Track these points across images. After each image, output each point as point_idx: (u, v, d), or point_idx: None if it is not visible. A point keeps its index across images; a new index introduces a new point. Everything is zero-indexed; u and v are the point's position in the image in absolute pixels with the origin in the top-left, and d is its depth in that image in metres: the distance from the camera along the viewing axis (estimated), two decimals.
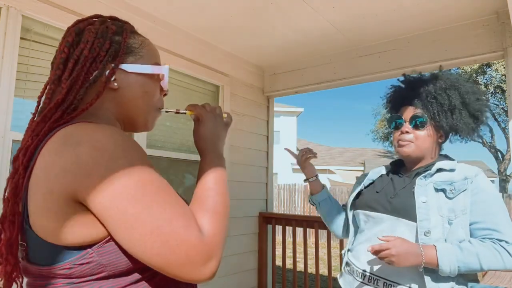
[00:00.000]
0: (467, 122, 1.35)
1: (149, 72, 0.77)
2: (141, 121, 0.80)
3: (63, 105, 0.67)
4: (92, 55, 0.70)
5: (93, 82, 0.70)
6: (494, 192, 1.27)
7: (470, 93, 1.37)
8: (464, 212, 1.23)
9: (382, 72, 2.98)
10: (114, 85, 0.73)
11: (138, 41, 0.78)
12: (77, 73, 0.69)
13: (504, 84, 13.80)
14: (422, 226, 1.23)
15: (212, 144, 0.82)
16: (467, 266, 1.16)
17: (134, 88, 0.76)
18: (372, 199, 1.41)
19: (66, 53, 0.71)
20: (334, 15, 2.55)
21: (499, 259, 1.17)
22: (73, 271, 0.60)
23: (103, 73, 0.71)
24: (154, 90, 0.80)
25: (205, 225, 0.62)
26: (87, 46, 0.70)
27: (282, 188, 12.56)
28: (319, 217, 1.73)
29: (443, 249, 1.17)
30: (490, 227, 1.20)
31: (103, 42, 0.72)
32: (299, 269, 3.88)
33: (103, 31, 0.73)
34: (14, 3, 1.89)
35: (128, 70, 0.75)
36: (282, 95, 3.78)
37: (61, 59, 0.71)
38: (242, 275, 3.35)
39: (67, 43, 0.72)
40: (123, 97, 0.75)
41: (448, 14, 2.52)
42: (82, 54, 0.70)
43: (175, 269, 0.57)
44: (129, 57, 0.75)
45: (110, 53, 0.72)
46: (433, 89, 1.38)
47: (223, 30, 2.86)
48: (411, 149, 1.37)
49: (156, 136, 2.73)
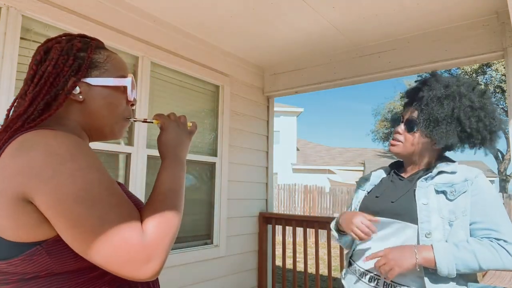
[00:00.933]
0: (451, 136, 1.31)
1: (112, 84, 0.82)
2: (108, 130, 0.85)
3: (24, 116, 0.71)
4: (56, 70, 0.76)
5: (55, 95, 0.75)
6: (493, 192, 1.27)
7: (468, 108, 1.32)
8: (464, 214, 1.23)
9: (382, 72, 2.98)
10: (79, 97, 0.78)
11: (103, 56, 0.83)
12: (40, 87, 0.74)
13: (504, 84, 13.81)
14: (423, 228, 1.24)
15: (172, 150, 0.89)
16: (465, 264, 1.17)
17: (98, 100, 0.81)
18: (373, 204, 1.42)
19: (34, 70, 0.77)
20: (334, 15, 2.55)
21: (497, 258, 1.17)
22: (24, 267, 0.64)
23: (65, 87, 0.76)
24: (119, 101, 0.85)
25: (150, 228, 0.65)
26: (52, 62, 0.76)
27: (282, 188, 12.56)
28: (319, 217, 1.74)
29: (440, 248, 1.18)
30: (489, 227, 1.21)
31: (67, 59, 0.77)
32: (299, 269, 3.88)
33: (68, 48, 0.78)
34: (14, 3, 1.89)
35: (91, 83, 0.80)
36: (282, 95, 3.78)
37: (29, 75, 0.77)
38: (242, 275, 3.35)
39: (36, 61, 0.78)
40: (88, 109, 0.80)
41: (448, 14, 2.52)
42: (46, 70, 0.75)
43: (116, 267, 0.61)
44: (93, 71, 0.80)
45: (73, 68, 0.77)
46: (429, 96, 1.37)
47: (223, 30, 2.86)
48: (398, 149, 1.42)
49: (156, 136, 2.72)
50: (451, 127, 1.32)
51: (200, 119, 3.08)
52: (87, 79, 0.79)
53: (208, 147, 3.13)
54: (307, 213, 12.00)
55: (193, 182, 3.02)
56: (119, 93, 0.85)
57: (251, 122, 3.56)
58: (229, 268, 3.20)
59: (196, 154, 3.00)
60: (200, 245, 2.95)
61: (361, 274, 1.36)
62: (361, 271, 1.36)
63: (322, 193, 12.29)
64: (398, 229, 1.30)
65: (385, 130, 19.32)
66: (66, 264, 0.65)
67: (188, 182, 2.97)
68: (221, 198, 3.13)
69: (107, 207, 0.63)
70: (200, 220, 3.03)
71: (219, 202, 3.12)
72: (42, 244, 0.64)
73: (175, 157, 0.87)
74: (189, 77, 2.97)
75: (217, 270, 3.07)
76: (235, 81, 3.37)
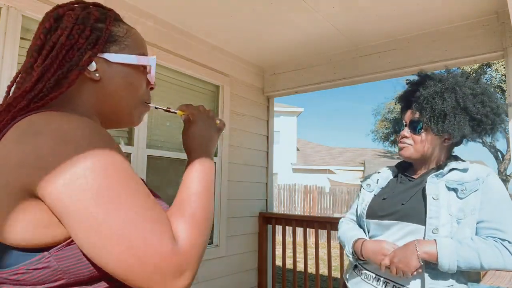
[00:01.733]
0: (462, 126, 1.32)
1: (135, 62, 0.71)
2: (126, 115, 0.73)
3: (31, 93, 0.60)
4: (70, 42, 0.64)
5: (68, 71, 0.63)
6: (504, 192, 1.26)
7: (470, 96, 1.34)
8: (473, 212, 1.23)
9: (382, 72, 2.98)
10: (96, 75, 0.67)
11: (123, 30, 0.72)
12: (51, 61, 0.62)
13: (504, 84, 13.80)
14: (431, 223, 1.23)
15: (202, 144, 0.75)
16: (467, 262, 1.16)
17: (117, 79, 0.70)
18: (380, 207, 1.39)
19: (41, 40, 0.65)
20: (334, 15, 2.55)
21: (500, 258, 1.17)
22: (27, 277, 0.53)
23: (80, 62, 0.65)
24: (140, 82, 0.74)
25: (181, 233, 0.56)
26: (65, 32, 0.64)
27: (282, 188, 12.56)
28: (319, 217, 1.75)
29: (443, 243, 1.18)
30: (495, 227, 1.21)
31: (83, 29, 0.65)
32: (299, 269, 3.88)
33: (84, 16, 0.67)
34: (14, 3, 1.89)
35: (111, 60, 0.68)
36: (282, 95, 3.78)
37: (35, 46, 0.65)
38: (242, 275, 3.35)
39: (44, 29, 0.65)
40: (105, 89, 0.69)
41: (448, 14, 2.52)
42: (58, 41, 0.64)
43: (140, 281, 0.51)
44: (112, 46, 0.69)
45: (90, 40, 0.66)
46: (428, 93, 1.37)
47: (223, 30, 2.86)
48: (409, 152, 1.40)
49: (156, 136, 2.73)
50: (461, 118, 1.32)
51: None
52: (105, 54, 0.68)
53: None
54: (307, 213, 12.00)
55: None
56: (140, 73, 0.74)
57: (251, 122, 3.56)
58: (229, 268, 3.20)
59: None
60: None
61: (366, 276, 1.36)
62: (368, 273, 1.36)
63: (322, 193, 12.30)
64: (409, 232, 1.28)
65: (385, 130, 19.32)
66: (78, 274, 0.54)
67: None
68: (221, 198, 3.13)
69: (132, 207, 0.52)
70: None
71: (219, 202, 3.12)
72: (50, 250, 0.53)
73: (205, 153, 0.73)
74: (189, 77, 2.97)
75: (217, 270, 3.07)
76: (235, 81, 3.37)
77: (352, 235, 1.45)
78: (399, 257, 1.22)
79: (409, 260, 1.20)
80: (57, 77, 0.62)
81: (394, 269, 1.23)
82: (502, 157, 17.78)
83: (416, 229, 1.26)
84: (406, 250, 1.22)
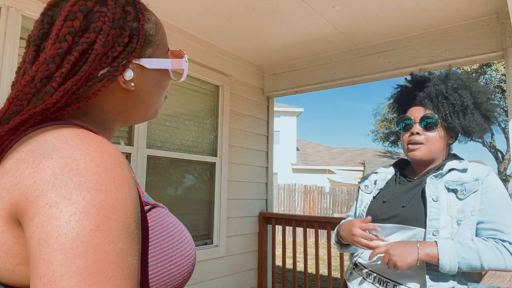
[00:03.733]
0: (479, 123, 1.32)
1: (170, 67, 0.64)
2: (151, 114, 0.67)
3: (50, 109, 0.51)
4: (104, 49, 0.53)
5: (98, 81, 0.54)
6: (503, 192, 1.25)
7: (482, 93, 1.34)
8: (473, 213, 1.22)
9: (382, 72, 2.98)
10: (131, 85, 0.57)
11: (153, 25, 0.61)
12: (82, 74, 0.51)
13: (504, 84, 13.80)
14: (432, 225, 1.22)
15: None
16: (468, 263, 1.16)
17: (151, 86, 0.62)
18: (380, 210, 1.36)
19: (68, 43, 0.51)
20: (334, 15, 2.56)
21: (500, 259, 1.16)
22: None
23: (114, 72, 0.55)
24: (168, 84, 0.67)
25: None
26: (101, 37, 0.52)
27: (282, 188, 12.57)
28: (319, 217, 1.73)
29: (444, 244, 1.18)
30: (495, 228, 1.20)
31: (120, 33, 0.54)
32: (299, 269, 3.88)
33: (121, 17, 0.55)
34: (14, 3, 1.89)
35: (146, 66, 0.59)
36: (282, 95, 3.78)
37: (59, 50, 0.51)
38: (242, 275, 3.35)
39: (71, 29, 0.51)
40: (137, 97, 0.60)
41: (448, 14, 2.52)
42: (93, 50, 0.52)
43: None
44: (147, 49, 0.59)
45: (129, 48, 0.55)
46: (444, 88, 1.34)
47: (223, 30, 2.86)
48: (422, 152, 1.33)
49: (156, 136, 2.73)
50: (477, 114, 1.31)
51: (200, 119, 3.09)
52: (141, 60, 0.58)
53: (208, 147, 3.13)
54: (307, 213, 12.00)
55: (193, 182, 3.02)
56: (168, 74, 0.66)
57: (251, 122, 3.56)
58: (229, 268, 3.20)
59: (196, 154, 3.00)
60: (200, 245, 2.95)
61: (367, 275, 1.35)
62: (368, 272, 1.35)
63: (322, 193, 12.30)
64: (411, 235, 1.27)
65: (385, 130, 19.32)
66: None
67: (188, 182, 2.97)
68: (221, 198, 3.13)
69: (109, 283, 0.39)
70: (200, 220, 3.03)
71: (219, 202, 3.12)
72: None
73: None
74: (189, 77, 2.97)
75: (217, 270, 3.07)
76: (235, 81, 3.37)
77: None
78: (397, 250, 1.20)
79: (407, 257, 1.18)
80: (87, 87, 0.53)
81: (387, 259, 1.20)
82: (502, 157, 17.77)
83: (418, 232, 1.25)
84: (406, 245, 1.21)
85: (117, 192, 0.43)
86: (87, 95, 0.54)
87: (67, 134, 0.46)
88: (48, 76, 0.51)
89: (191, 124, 3.01)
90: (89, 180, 0.42)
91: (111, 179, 0.43)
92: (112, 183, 0.43)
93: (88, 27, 0.52)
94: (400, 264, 1.18)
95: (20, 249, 0.43)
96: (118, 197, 0.43)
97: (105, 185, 0.43)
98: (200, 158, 3.02)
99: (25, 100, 0.51)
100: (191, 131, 3.00)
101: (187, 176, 2.98)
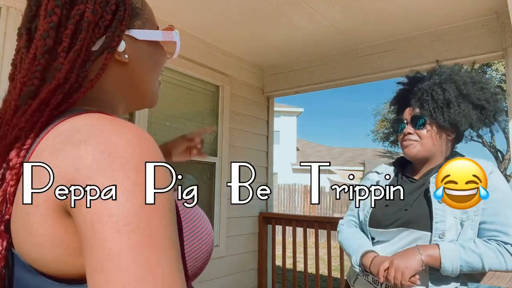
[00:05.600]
0: (467, 114, 1.29)
1: (161, 39, 0.64)
2: (150, 96, 0.66)
3: (65, 85, 0.50)
4: (95, 18, 0.53)
5: (98, 55, 0.54)
6: (507, 191, 1.23)
7: (469, 83, 1.31)
8: (476, 214, 1.21)
9: (382, 72, 2.98)
10: (125, 57, 0.58)
11: (139, 0, 0.63)
12: (81, 43, 0.52)
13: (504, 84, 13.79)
14: (438, 227, 1.20)
15: None
16: (470, 266, 1.16)
17: (145, 59, 0.62)
18: (384, 216, 1.33)
19: (58, 16, 0.51)
20: (334, 15, 2.55)
21: (502, 262, 1.16)
22: None
23: (111, 42, 0.55)
24: (163, 60, 0.67)
25: None
26: (89, 7, 0.53)
27: (282, 188, 12.57)
28: (319, 217, 1.73)
29: (446, 247, 1.17)
30: (498, 229, 1.19)
31: (106, 2, 0.55)
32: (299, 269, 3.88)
33: None
34: (14, 3, 1.89)
35: (137, 37, 0.60)
36: (282, 95, 3.78)
37: (51, 23, 0.51)
38: (242, 275, 3.34)
39: (59, 2, 0.52)
40: (133, 71, 0.60)
41: (448, 14, 2.52)
42: (84, 18, 0.52)
43: None
44: (136, 21, 0.60)
45: (118, 16, 0.56)
46: (427, 86, 1.34)
47: (223, 30, 2.86)
48: (416, 149, 1.33)
49: (157, 136, 2.73)
50: (465, 105, 1.29)
51: (200, 119, 3.08)
52: (131, 31, 0.58)
53: (208, 147, 3.13)
54: (307, 213, 12.00)
55: (194, 182, 3.02)
56: (162, 50, 0.66)
57: (251, 122, 3.56)
58: (229, 268, 3.19)
59: None
60: None
61: (374, 281, 1.31)
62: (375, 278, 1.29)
63: (322, 193, 12.30)
64: (415, 239, 1.24)
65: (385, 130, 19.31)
66: None
67: (188, 182, 2.97)
68: (221, 198, 3.13)
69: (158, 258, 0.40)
70: None
71: (219, 202, 3.12)
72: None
73: None
74: (189, 77, 2.97)
75: (217, 270, 3.07)
76: (235, 81, 3.37)
77: (359, 245, 1.36)
78: (400, 259, 1.18)
79: (410, 262, 1.16)
80: (91, 62, 0.54)
81: (393, 271, 1.17)
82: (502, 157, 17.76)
83: (422, 235, 1.23)
84: (407, 252, 1.19)
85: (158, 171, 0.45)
86: (95, 71, 0.55)
87: (98, 120, 0.47)
88: (49, 51, 0.51)
89: (191, 124, 3.01)
90: (130, 161, 0.43)
91: (148, 159, 0.45)
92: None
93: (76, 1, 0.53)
94: (407, 270, 1.15)
95: (71, 239, 0.44)
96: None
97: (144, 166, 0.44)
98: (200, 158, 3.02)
99: (35, 78, 0.51)
100: (192, 130, 2.99)
101: (187, 177, 2.98)
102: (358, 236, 1.41)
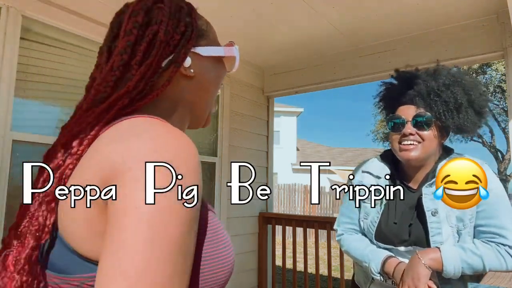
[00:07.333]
0: (473, 120, 1.25)
1: (222, 54, 0.71)
2: (206, 114, 0.72)
3: (133, 91, 0.57)
4: (166, 38, 0.61)
5: (166, 69, 0.61)
6: (501, 192, 1.21)
7: (474, 89, 1.27)
8: (471, 220, 1.21)
9: (382, 72, 2.97)
10: (191, 71, 0.65)
11: (204, 22, 0.72)
12: (152, 59, 0.59)
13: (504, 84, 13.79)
14: (435, 240, 1.20)
15: None
16: (471, 267, 1.16)
17: (208, 74, 0.69)
18: (393, 234, 1.28)
19: (135, 35, 0.60)
20: (334, 15, 2.55)
21: (503, 263, 1.16)
22: None
23: (178, 58, 0.62)
24: (224, 73, 0.73)
25: None
26: (162, 27, 0.61)
27: (282, 188, 12.57)
28: (319, 217, 1.72)
29: (447, 250, 1.17)
30: (494, 231, 1.19)
31: (177, 24, 0.63)
32: (299, 269, 3.88)
33: (177, 10, 0.65)
34: (14, 3, 1.89)
35: (202, 53, 0.67)
36: (282, 95, 3.78)
37: (128, 42, 0.60)
38: (242, 275, 3.35)
39: (136, 23, 0.61)
40: (197, 85, 0.67)
41: (448, 14, 2.52)
42: (157, 37, 0.60)
43: None
44: (201, 40, 0.68)
45: (186, 36, 0.63)
46: (435, 85, 1.27)
47: (223, 30, 2.85)
48: (418, 152, 1.25)
49: None
50: (471, 111, 1.25)
51: None
52: (197, 48, 0.66)
53: (208, 147, 3.13)
54: (307, 213, 12.01)
55: None
56: (223, 64, 0.73)
57: (251, 122, 3.56)
58: None
59: None
60: None
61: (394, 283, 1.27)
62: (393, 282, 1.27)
63: (322, 193, 12.30)
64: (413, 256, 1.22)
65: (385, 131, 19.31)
66: None
67: None
68: (221, 198, 3.13)
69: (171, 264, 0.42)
70: None
71: (219, 202, 3.12)
72: None
73: None
74: None
75: None
76: (235, 81, 3.37)
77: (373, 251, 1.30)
78: (407, 273, 1.17)
79: (416, 270, 1.15)
80: (159, 75, 0.60)
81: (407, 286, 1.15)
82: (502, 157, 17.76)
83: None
84: (410, 264, 1.18)
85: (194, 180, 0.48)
86: (161, 83, 0.61)
87: (154, 121, 0.53)
88: (124, 64, 0.59)
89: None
90: (172, 163, 0.46)
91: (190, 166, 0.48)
92: (191, 171, 0.48)
93: (150, 21, 0.61)
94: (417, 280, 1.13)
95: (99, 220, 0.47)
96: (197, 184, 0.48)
97: (185, 171, 0.47)
98: (200, 158, 3.02)
99: (108, 87, 0.58)
100: (191, 131, 2.99)
101: None
102: (367, 243, 1.35)
